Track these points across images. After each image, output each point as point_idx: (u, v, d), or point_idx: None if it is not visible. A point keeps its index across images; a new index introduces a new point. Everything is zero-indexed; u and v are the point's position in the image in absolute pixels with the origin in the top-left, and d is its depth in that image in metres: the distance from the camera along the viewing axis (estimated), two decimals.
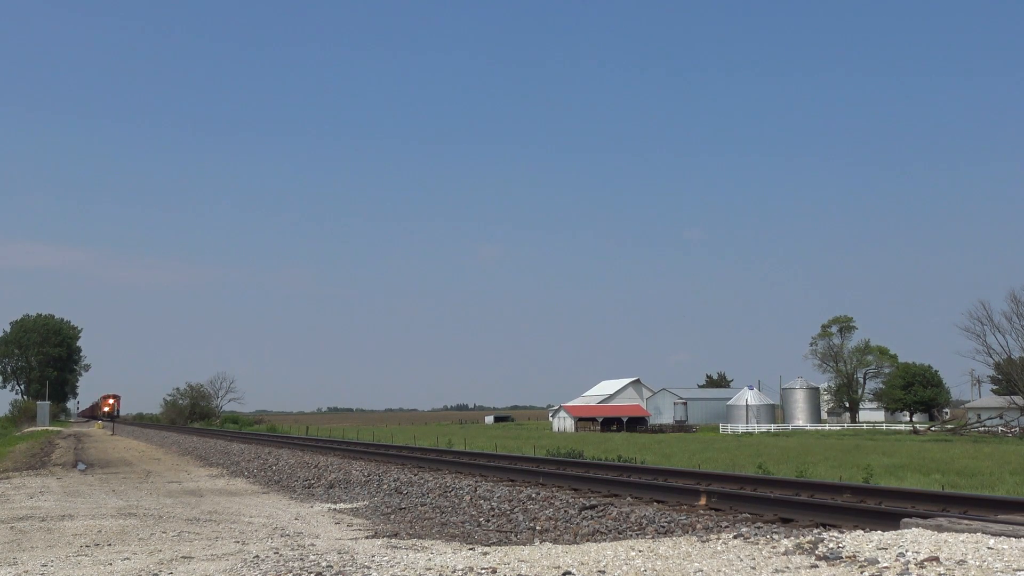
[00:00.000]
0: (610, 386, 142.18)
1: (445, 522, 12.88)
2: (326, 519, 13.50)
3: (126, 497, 17.46)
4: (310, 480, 20.74)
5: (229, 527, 12.42)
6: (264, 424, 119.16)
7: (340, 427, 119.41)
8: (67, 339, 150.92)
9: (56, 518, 13.68)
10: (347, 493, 17.75)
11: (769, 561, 7.15)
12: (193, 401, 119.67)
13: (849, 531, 8.41)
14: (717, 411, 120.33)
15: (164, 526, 12.56)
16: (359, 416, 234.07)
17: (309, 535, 11.40)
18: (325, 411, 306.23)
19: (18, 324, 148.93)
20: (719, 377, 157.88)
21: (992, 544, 6.78)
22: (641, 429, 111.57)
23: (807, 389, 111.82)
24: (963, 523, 7.68)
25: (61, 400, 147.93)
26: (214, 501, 16.68)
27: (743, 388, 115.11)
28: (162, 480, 22.14)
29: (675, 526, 10.45)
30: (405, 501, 15.41)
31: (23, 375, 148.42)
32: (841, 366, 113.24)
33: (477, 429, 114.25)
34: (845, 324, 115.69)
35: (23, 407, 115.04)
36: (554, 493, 13.90)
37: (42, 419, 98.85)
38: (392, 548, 9.51)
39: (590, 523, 11.34)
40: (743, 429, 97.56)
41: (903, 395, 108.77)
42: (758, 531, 8.94)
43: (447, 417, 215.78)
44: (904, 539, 7.29)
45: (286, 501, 16.73)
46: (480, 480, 16.70)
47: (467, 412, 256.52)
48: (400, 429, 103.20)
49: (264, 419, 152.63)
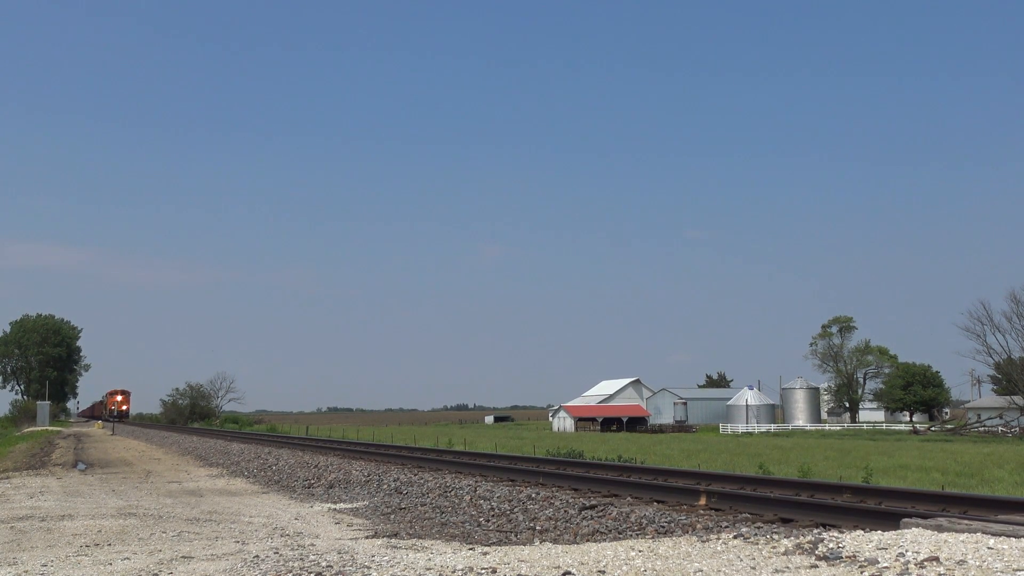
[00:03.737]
0: (610, 386, 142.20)
1: (445, 522, 12.87)
2: (326, 519, 13.50)
3: (126, 497, 17.45)
4: (310, 480, 20.72)
5: (229, 527, 12.42)
6: (264, 424, 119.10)
7: (340, 427, 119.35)
8: (67, 339, 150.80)
9: (56, 518, 13.68)
10: (347, 493, 17.74)
11: (769, 561, 7.15)
12: (193, 401, 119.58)
13: (849, 531, 8.41)
14: (717, 411, 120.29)
15: (164, 526, 12.56)
16: (359, 416, 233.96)
17: (309, 535, 11.39)
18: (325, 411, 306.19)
19: (18, 324, 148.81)
20: (719, 377, 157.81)
21: (992, 544, 6.78)
22: (641, 429, 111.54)
23: (807, 389, 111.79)
24: (963, 523, 7.68)
25: (61, 400, 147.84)
26: (214, 501, 16.68)
27: (743, 388, 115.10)
28: (162, 480, 22.13)
29: (675, 526, 10.45)
30: (405, 501, 15.41)
31: (23, 375, 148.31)
32: (841, 366, 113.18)
33: (477, 429, 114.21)
34: (845, 324, 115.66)
35: (23, 407, 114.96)
36: (554, 493, 13.89)
37: (42, 419, 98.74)
38: (392, 548, 9.51)
39: (590, 523, 11.33)
40: (743, 429, 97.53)
41: (903, 395, 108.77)
42: (758, 531, 8.93)
43: (447, 417, 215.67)
44: (904, 539, 7.29)
45: (286, 501, 16.72)
46: (480, 480, 16.69)
47: (467, 412, 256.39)
48: (400, 429, 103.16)
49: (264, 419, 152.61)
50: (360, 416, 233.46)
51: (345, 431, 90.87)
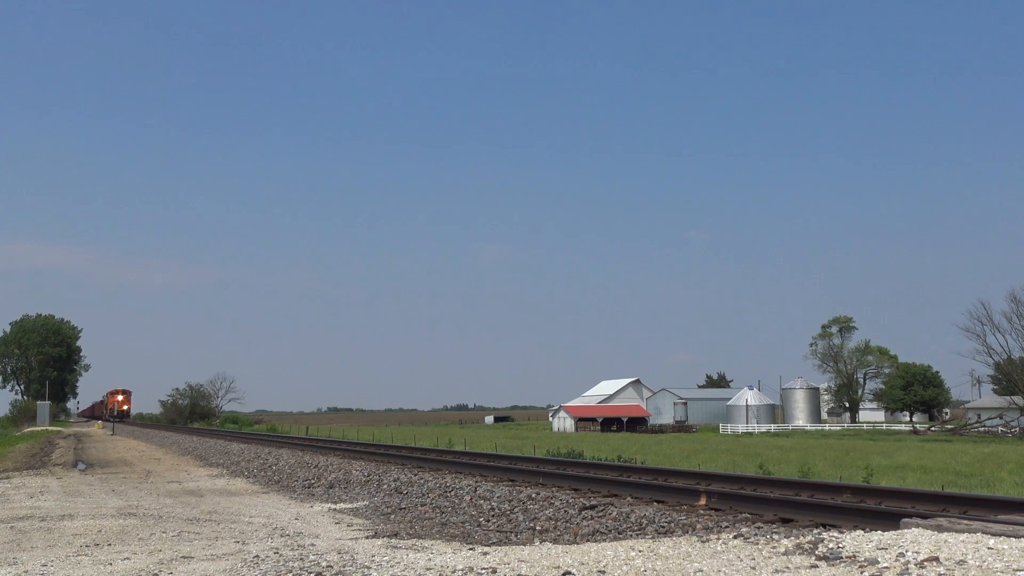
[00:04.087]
0: (610, 386, 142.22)
1: (445, 522, 12.87)
2: (326, 519, 13.49)
3: (126, 497, 17.45)
4: (310, 480, 20.72)
5: (229, 527, 12.42)
6: (264, 424, 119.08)
7: (340, 427, 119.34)
8: (67, 339, 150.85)
9: (56, 518, 13.68)
10: (347, 493, 17.74)
11: (769, 561, 7.15)
12: (193, 401, 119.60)
13: (849, 531, 8.41)
14: (717, 411, 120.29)
15: (164, 526, 12.56)
16: (359, 416, 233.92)
17: (309, 535, 11.39)
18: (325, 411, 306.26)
19: (18, 324, 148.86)
20: (719, 377, 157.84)
21: (992, 544, 6.78)
22: (641, 429, 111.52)
23: (807, 389, 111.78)
24: (963, 523, 7.67)
25: (61, 400, 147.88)
26: (214, 501, 16.68)
27: (743, 388, 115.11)
28: (162, 480, 22.13)
29: (675, 526, 10.45)
30: (405, 501, 15.40)
31: (23, 375, 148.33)
32: (841, 366, 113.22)
33: (477, 429, 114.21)
34: (845, 324, 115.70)
35: (23, 407, 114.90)
36: (554, 493, 13.89)
37: (42, 419, 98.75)
38: (392, 548, 9.50)
39: (590, 523, 11.33)
40: (743, 429, 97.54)
41: (903, 395, 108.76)
42: (758, 531, 8.93)
43: (447, 417, 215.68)
44: (904, 539, 7.29)
45: (286, 501, 16.72)
46: (480, 480, 16.69)
47: (467, 412, 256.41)
48: (400, 429, 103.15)
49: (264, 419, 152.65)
50: (360, 416, 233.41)
51: (345, 431, 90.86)
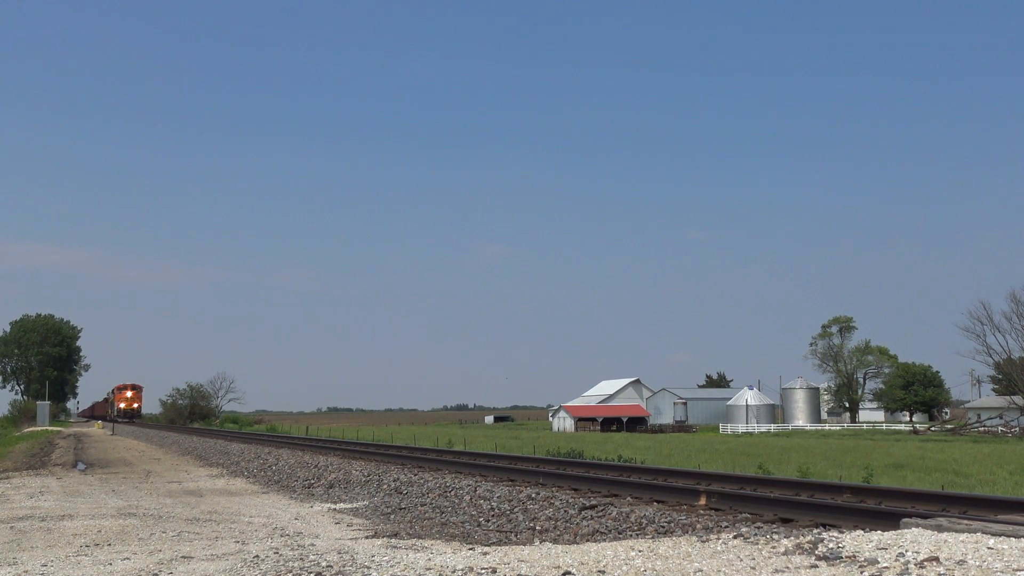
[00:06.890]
0: (610, 386, 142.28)
1: (445, 522, 12.88)
2: (326, 519, 13.50)
3: (126, 497, 17.45)
4: (310, 480, 20.72)
5: (229, 527, 12.42)
6: (264, 424, 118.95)
7: (340, 427, 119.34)
8: (67, 339, 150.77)
9: (56, 518, 13.68)
10: (347, 493, 17.74)
11: (769, 561, 7.14)
12: (193, 401, 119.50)
13: (849, 531, 8.41)
14: (717, 411, 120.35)
15: (164, 526, 12.56)
16: (359, 416, 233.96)
17: (309, 535, 11.39)
18: (325, 411, 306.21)
19: (18, 324, 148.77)
20: (719, 377, 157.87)
21: (992, 544, 6.78)
22: (641, 429, 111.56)
23: (807, 389, 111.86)
24: (963, 523, 7.67)
25: (61, 400, 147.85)
26: (214, 501, 16.68)
27: (743, 388, 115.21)
28: (162, 480, 22.13)
29: (675, 526, 10.45)
30: (405, 501, 15.40)
31: (23, 375, 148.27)
32: (841, 366, 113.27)
33: (477, 429, 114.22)
34: (845, 324, 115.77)
35: (23, 407, 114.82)
36: (554, 493, 13.88)
37: (42, 419, 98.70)
38: (392, 548, 9.50)
39: (590, 523, 11.33)
40: (743, 429, 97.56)
41: (903, 395, 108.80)
42: (758, 531, 8.93)
43: (447, 417, 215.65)
44: (904, 539, 7.29)
45: (286, 501, 16.72)
46: (480, 480, 16.69)
47: (467, 412, 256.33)
48: (400, 429, 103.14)
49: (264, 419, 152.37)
50: (360, 416, 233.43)
51: (345, 431, 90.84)
